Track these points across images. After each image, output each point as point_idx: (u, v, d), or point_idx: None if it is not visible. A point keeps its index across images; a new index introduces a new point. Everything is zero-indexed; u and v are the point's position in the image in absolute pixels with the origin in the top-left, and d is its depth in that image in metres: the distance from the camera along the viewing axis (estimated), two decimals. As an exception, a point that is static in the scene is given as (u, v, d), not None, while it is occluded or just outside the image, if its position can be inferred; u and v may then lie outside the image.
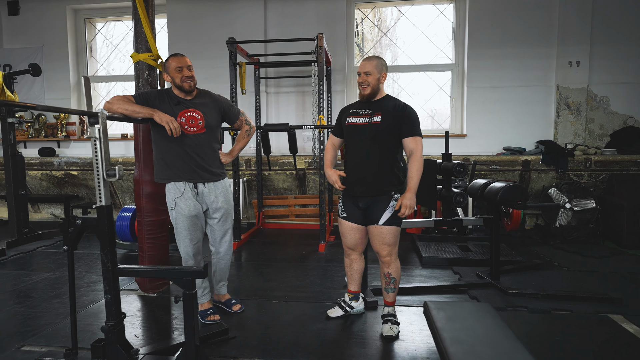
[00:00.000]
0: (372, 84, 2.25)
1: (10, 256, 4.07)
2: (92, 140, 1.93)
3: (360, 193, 2.31)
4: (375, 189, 2.27)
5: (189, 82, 2.37)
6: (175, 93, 2.43)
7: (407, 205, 2.18)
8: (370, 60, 2.28)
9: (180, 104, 2.41)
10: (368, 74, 2.25)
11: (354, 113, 2.35)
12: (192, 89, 2.40)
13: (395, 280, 2.41)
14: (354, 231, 2.41)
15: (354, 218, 2.38)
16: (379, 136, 2.25)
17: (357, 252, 2.51)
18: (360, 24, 5.96)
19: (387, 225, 2.28)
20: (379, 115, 2.25)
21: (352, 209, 2.38)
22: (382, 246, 2.32)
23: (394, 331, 2.31)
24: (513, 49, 5.31)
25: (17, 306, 2.86)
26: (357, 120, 2.31)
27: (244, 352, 2.19)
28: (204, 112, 2.42)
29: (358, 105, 2.38)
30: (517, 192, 2.83)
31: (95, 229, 1.96)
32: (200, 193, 2.47)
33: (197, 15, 5.81)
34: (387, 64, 2.32)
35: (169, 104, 2.39)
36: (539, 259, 3.75)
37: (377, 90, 2.29)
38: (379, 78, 2.27)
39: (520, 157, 5.04)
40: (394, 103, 2.29)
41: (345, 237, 2.46)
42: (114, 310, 1.99)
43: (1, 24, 6.24)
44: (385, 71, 2.29)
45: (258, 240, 4.80)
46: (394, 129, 2.24)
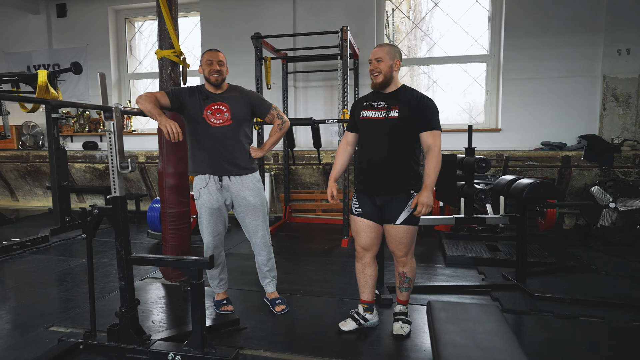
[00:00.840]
0: (384, 71, 2.10)
1: (53, 242, 4.36)
2: (107, 134, 2.02)
3: (377, 192, 2.18)
4: (394, 187, 2.14)
5: (216, 76, 2.39)
6: (206, 87, 2.48)
7: (423, 204, 2.04)
8: (382, 47, 2.13)
9: (209, 98, 2.45)
10: (379, 61, 2.10)
11: (369, 106, 2.19)
12: (218, 82, 2.42)
13: (410, 279, 2.28)
14: (369, 229, 2.24)
15: (369, 215, 2.22)
16: (397, 131, 2.10)
17: (371, 255, 2.32)
18: (391, 15, 5.82)
19: (405, 225, 2.14)
20: (396, 109, 2.10)
21: (368, 206, 2.22)
22: (398, 246, 2.19)
23: (405, 330, 2.22)
24: (554, 38, 4.98)
25: (51, 289, 3.06)
26: (372, 115, 2.16)
27: (251, 343, 2.21)
28: (230, 104, 2.44)
29: (372, 97, 2.21)
30: (545, 189, 2.65)
31: (110, 218, 2.05)
32: (225, 186, 2.47)
33: (228, 12, 5.92)
34: (401, 52, 2.19)
35: (198, 99, 2.44)
36: (574, 261, 3.51)
37: (390, 78, 2.13)
38: (391, 65, 2.11)
39: (560, 153, 4.74)
40: (411, 94, 2.13)
41: (360, 236, 2.28)
42: (127, 296, 2.08)
43: (51, 26, 6.66)
44: (399, 58, 2.14)
45: (284, 233, 4.84)
46: (412, 123, 2.09)
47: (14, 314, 2.62)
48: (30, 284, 3.16)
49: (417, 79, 5.91)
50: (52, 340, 2.23)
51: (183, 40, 6.51)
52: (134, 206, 5.81)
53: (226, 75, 2.47)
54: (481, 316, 1.54)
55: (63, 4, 6.59)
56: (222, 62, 2.43)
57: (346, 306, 2.67)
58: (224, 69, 2.44)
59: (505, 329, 1.43)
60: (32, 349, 2.16)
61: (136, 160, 5.93)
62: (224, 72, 2.44)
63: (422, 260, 3.66)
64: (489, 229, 4.36)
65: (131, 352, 2.06)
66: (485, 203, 2.82)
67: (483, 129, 5.40)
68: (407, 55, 5.82)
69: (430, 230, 4.70)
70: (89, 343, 2.11)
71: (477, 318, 1.53)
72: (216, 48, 2.52)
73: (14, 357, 2.10)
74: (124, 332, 2.07)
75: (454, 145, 5.15)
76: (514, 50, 5.13)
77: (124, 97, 6.71)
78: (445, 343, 1.33)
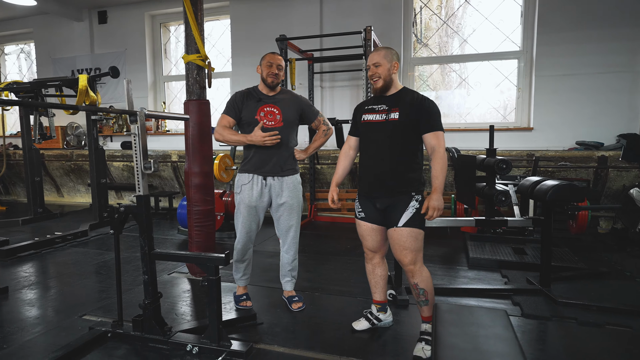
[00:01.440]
0: (382, 75, 2.09)
1: (92, 237, 4.64)
2: (132, 137, 2.15)
3: (377, 194, 2.16)
4: (394, 189, 2.11)
5: (272, 79, 2.51)
6: (260, 89, 2.59)
7: (434, 207, 1.99)
8: (379, 51, 2.12)
9: (261, 100, 2.55)
10: (377, 65, 2.09)
11: (370, 110, 2.19)
12: (273, 84, 2.53)
13: (425, 291, 2.12)
14: (374, 232, 2.23)
15: (372, 218, 2.21)
16: (397, 133, 2.09)
17: (379, 255, 2.32)
18: (419, 13, 5.74)
19: (407, 228, 2.07)
20: (396, 112, 2.09)
21: (370, 210, 2.21)
22: (402, 252, 2.10)
23: (426, 353, 2.02)
24: (591, 31, 4.75)
25: (87, 280, 3.28)
26: (373, 118, 2.16)
27: (266, 338, 2.29)
28: (282, 107, 2.53)
29: (373, 101, 2.21)
30: (570, 191, 2.56)
31: (135, 215, 2.19)
32: (268, 185, 2.56)
33: (257, 15, 6.05)
34: (398, 54, 2.17)
35: (252, 101, 2.56)
36: (606, 267, 3.35)
37: (390, 82, 2.12)
38: (389, 68, 2.10)
39: (596, 153, 4.52)
40: (411, 96, 2.11)
41: (365, 240, 2.28)
42: (150, 289, 2.20)
43: (93, 32, 7.06)
44: (397, 61, 2.12)
45: (308, 232, 4.90)
46: (413, 124, 2.07)
47: (53, 302, 2.84)
48: (69, 275, 3.39)
49: (447, 77, 5.80)
50: (84, 327, 2.40)
51: (215, 43, 6.73)
52: (168, 203, 6.08)
53: (281, 79, 2.58)
54: (486, 320, 1.52)
55: (104, 11, 6.97)
56: (280, 66, 2.53)
57: (362, 305, 2.69)
58: (281, 74, 2.54)
59: (509, 334, 1.41)
60: (66, 335, 2.34)
61: (169, 159, 6.20)
62: (280, 76, 2.54)
63: (444, 262, 3.61)
64: (517, 232, 4.24)
65: (153, 341, 2.19)
66: (505, 205, 2.74)
67: (514, 128, 5.23)
68: (439, 53, 5.72)
69: (456, 232, 4.62)
70: (116, 332, 2.26)
71: (482, 322, 1.51)
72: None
73: (49, 342, 2.28)
74: (147, 322, 2.20)
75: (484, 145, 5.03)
76: (547, 46, 4.94)
77: (159, 98, 7.01)
78: (444, 345, 1.33)
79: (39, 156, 5.51)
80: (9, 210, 6.40)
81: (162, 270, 3.45)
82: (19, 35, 7.75)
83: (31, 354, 2.15)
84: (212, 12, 6.52)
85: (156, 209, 6.03)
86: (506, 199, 2.63)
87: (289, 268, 2.73)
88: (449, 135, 5.40)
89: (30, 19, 7.33)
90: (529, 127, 5.12)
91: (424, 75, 5.88)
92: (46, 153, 6.79)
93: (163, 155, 6.24)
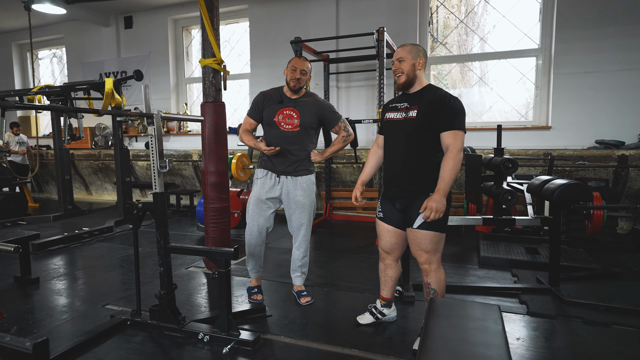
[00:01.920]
0: (406, 71, 2.06)
1: (117, 232, 4.88)
2: (149, 138, 2.29)
3: (395, 194, 2.16)
4: (412, 189, 2.09)
5: (294, 83, 2.58)
6: (284, 91, 2.67)
7: (432, 209, 1.94)
8: (404, 47, 2.10)
9: (283, 102, 2.64)
10: (401, 61, 2.07)
11: (393, 108, 2.18)
12: (295, 88, 2.60)
13: (436, 292, 2.13)
14: (390, 234, 2.24)
15: (390, 220, 2.22)
16: (415, 132, 2.05)
17: (393, 257, 2.32)
18: (435, 12, 5.73)
19: (423, 230, 2.05)
20: (415, 109, 2.05)
21: (390, 210, 2.21)
22: (418, 252, 2.11)
23: None
24: (613, 28, 4.64)
25: (111, 273, 3.48)
26: (394, 116, 2.15)
27: (274, 329, 2.40)
28: (301, 111, 2.61)
29: (398, 99, 2.20)
30: (577, 191, 2.55)
31: (152, 212, 2.33)
32: (281, 183, 2.67)
33: (275, 17, 6.18)
34: (425, 50, 2.16)
35: (274, 102, 2.66)
36: (621, 268, 3.30)
37: (414, 78, 2.09)
38: (414, 64, 2.06)
39: (616, 152, 4.43)
40: (433, 94, 2.05)
41: (381, 239, 2.30)
42: (165, 280, 2.35)
43: (119, 37, 7.37)
44: (422, 57, 2.08)
45: (322, 230, 5.00)
46: (432, 123, 2.02)
47: (80, 292, 3.04)
48: (95, 268, 3.61)
49: (466, 75, 5.78)
50: (106, 316, 2.57)
51: (235, 45, 6.90)
52: (189, 201, 6.30)
53: (305, 84, 2.65)
54: (478, 314, 1.57)
55: (130, 16, 7.27)
56: (305, 71, 2.59)
57: (370, 301, 2.75)
58: (304, 78, 2.60)
59: (497, 327, 1.46)
60: (90, 322, 2.52)
61: (190, 158, 6.41)
62: (302, 81, 2.60)
63: (455, 260, 3.64)
64: (532, 232, 4.21)
65: (168, 330, 2.33)
66: (511, 204, 2.75)
67: (532, 127, 5.17)
68: (457, 51, 5.71)
69: (471, 232, 4.62)
70: (135, 320, 2.42)
71: (473, 315, 1.56)
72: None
73: (73, 328, 2.46)
74: (162, 312, 2.35)
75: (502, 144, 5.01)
76: (566, 43, 4.86)
77: (181, 100, 7.25)
78: (431, 335, 1.40)
79: (69, 156, 5.81)
80: (41, 207, 6.78)
81: (181, 265, 3.62)
82: (51, 41, 8.17)
83: (58, 338, 2.33)
84: (232, 15, 6.70)
85: (177, 207, 6.26)
86: (512, 198, 2.64)
87: (299, 264, 2.82)
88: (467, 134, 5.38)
89: (62, 26, 7.72)
90: (547, 126, 5.04)
91: (442, 73, 5.87)
92: (76, 153, 7.14)
93: (184, 155, 6.46)
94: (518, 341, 2.24)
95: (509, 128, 5.19)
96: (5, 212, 5.51)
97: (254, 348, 2.15)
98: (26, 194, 6.66)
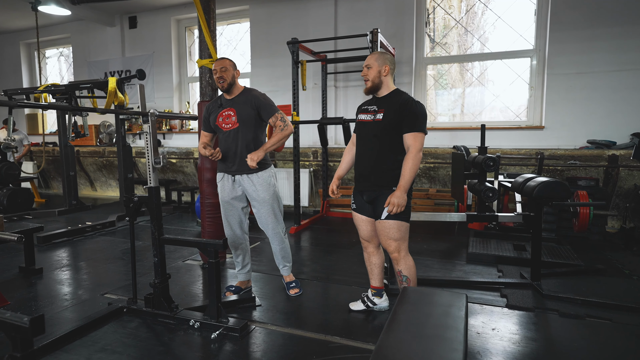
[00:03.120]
0: (371, 77, 2.26)
1: (119, 227, 5.04)
2: (145, 135, 2.42)
3: (363, 187, 2.36)
4: (377, 184, 2.29)
5: (220, 83, 2.64)
6: (224, 95, 2.75)
7: (394, 204, 2.14)
8: (372, 55, 2.30)
9: (222, 105, 2.74)
10: (368, 67, 2.27)
11: (364, 110, 2.39)
12: (224, 88, 2.65)
13: (408, 278, 2.31)
14: (364, 223, 2.44)
15: (363, 210, 2.42)
16: (381, 133, 2.25)
17: (373, 245, 2.51)
18: (432, 13, 5.82)
19: (390, 220, 2.24)
20: (381, 112, 2.26)
21: (361, 202, 2.42)
22: (387, 241, 2.29)
23: None
24: (605, 29, 4.70)
25: (111, 265, 3.62)
26: (365, 117, 2.35)
27: (262, 318, 2.52)
28: (237, 109, 2.68)
29: (368, 102, 2.40)
30: (556, 188, 2.65)
31: (147, 205, 2.46)
32: (237, 181, 2.74)
33: (275, 18, 6.30)
34: (393, 58, 2.32)
35: (215, 108, 2.76)
36: (604, 265, 3.39)
37: (379, 83, 2.28)
38: (380, 71, 2.26)
39: (607, 152, 4.49)
40: (399, 98, 2.25)
41: (359, 229, 2.49)
42: (160, 270, 2.48)
43: (124, 37, 7.53)
44: (389, 64, 2.27)
45: (319, 226, 5.12)
46: (396, 125, 2.21)
47: (81, 282, 3.18)
48: (96, 260, 3.76)
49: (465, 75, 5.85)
50: (104, 304, 2.72)
51: (236, 45, 7.03)
52: (190, 197, 6.44)
53: (232, 79, 2.64)
54: (444, 301, 1.68)
55: (134, 16, 7.42)
56: (225, 68, 2.60)
57: (357, 293, 2.87)
58: (229, 74, 2.61)
59: (460, 313, 1.57)
60: (88, 309, 2.66)
61: (191, 156, 6.55)
62: (228, 78, 2.61)
63: (444, 256, 3.74)
64: (522, 229, 4.29)
65: (162, 317, 2.46)
66: (492, 201, 2.85)
67: (525, 127, 5.24)
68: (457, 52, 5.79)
69: (464, 229, 4.71)
70: (131, 307, 2.55)
71: (440, 302, 1.67)
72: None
73: (73, 315, 2.60)
74: (157, 300, 2.48)
75: (496, 144, 5.10)
76: (560, 44, 4.92)
77: (183, 98, 7.40)
78: (396, 319, 1.51)
79: (74, 153, 5.98)
80: (47, 203, 6.97)
81: (178, 258, 3.76)
82: (58, 40, 8.36)
83: (59, 323, 2.47)
84: (233, 15, 6.83)
85: (179, 203, 6.41)
86: (493, 195, 2.74)
87: (280, 256, 2.89)
88: (462, 133, 5.48)
89: (68, 25, 7.90)
90: (541, 126, 5.12)
91: (441, 72, 5.95)
92: (81, 150, 7.32)
93: (186, 152, 6.61)
94: (493, 331, 2.34)
95: (503, 128, 5.27)
96: (12, 207, 5.69)
97: (240, 334, 2.28)
98: (33, 189, 6.84)
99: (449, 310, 1.59)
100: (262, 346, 2.20)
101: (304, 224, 5.01)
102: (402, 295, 1.75)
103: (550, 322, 2.44)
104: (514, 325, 2.41)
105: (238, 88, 2.72)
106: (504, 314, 2.57)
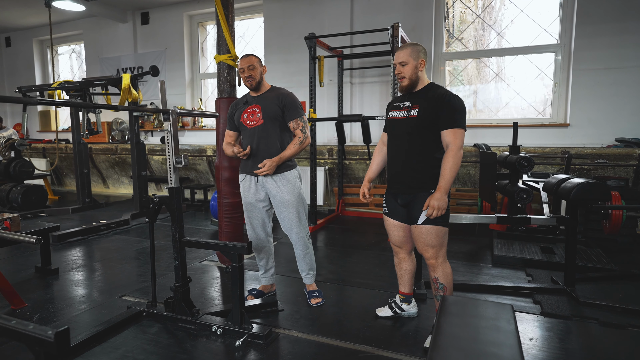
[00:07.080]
0: (408, 74, 2.09)
1: (133, 225, 4.98)
2: (165, 133, 2.33)
3: (397, 190, 2.21)
4: (413, 186, 2.13)
5: (248, 82, 2.57)
6: (250, 93, 2.66)
7: (434, 207, 1.99)
8: (404, 49, 2.11)
9: (247, 102, 2.64)
10: (403, 64, 2.09)
11: (396, 106, 2.22)
12: (252, 87, 2.58)
13: (445, 287, 2.16)
14: (396, 228, 2.29)
15: (395, 215, 2.26)
16: (416, 131, 2.09)
17: (405, 251, 2.36)
18: (452, 7, 5.65)
19: (428, 225, 2.09)
20: (416, 108, 2.09)
21: (394, 206, 2.26)
22: (424, 247, 2.14)
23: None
24: (634, 23, 4.53)
25: (127, 265, 3.55)
26: (397, 114, 2.19)
27: (286, 324, 2.42)
28: (263, 105, 2.58)
29: (400, 98, 2.23)
30: (595, 190, 2.50)
31: (168, 206, 2.37)
32: (260, 182, 2.61)
33: (290, 12, 6.18)
34: (425, 48, 2.15)
35: (241, 105, 2.66)
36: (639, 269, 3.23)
37: (417, 79, 2.12)
38: (416, 66, 2.09)
39: (637, 151, 4.32)
40: (434, 92, 2.08)
41: (390, 235, 2.35)
42: (180, 274, 2.39)
43: (136, 33, 7.46)
44: (423, 57, 2.10)
45: (334, 226, 5.01)
46: (432, 122, 2.05)
47: (97, 283, 3.12)
48: (112, 260, 3.69)
49: (482, 71, 5.69)
50: (122, 307, 2.64)
51: (249, 40, 6.93)
52: (203, 196, 6.37)
53: (260, 77, 2.57)
54: (490, 313, 1.56)
55: (146, 12, 7.35)
56: (252, 66, 2.53)
57: (382, 298, 2.77)
58: (257, 72, 2.54)
59: (510, 327, 1.45)
60: (107, 313, 2.58)
61: (204, 153, 6.48)
62: (256, 76, 2.55)
63: (468, 259, 3.61)
64: (547, 231, 4.14)
65: (183, 322, 2.38)
66: (526, 203, 2.71)
67: (549, 124, 5.07)
68: (474, 47, 5.63)
69: (484, 230, 4.58)
70: (150, 312, 2.47)
71: (486, 314, 1.56)
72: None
73: (91, 318, 2.52)
74: (177, 304, 2.40)
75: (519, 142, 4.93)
76: (587, 38, 4.74)
77: (196, 95, 7.32)
78: (443, 333, 1.40)
79: (87, 150, 5.93)
80: (60, 200, 6.95)
81: (195, 259, 3.68)
82: (70, 37, 8.32)
83: (77, 327, 2.39)
84: (247, 10, 6.72)
85: (192, 201, 6.34)
86: (528, 197, 2.61)
87: (303, 262, 2.74)
88: (481, 131, 5.32)
89: (80, 22, 7.85)
90: (565, 124, 4.95)
91: (458, 69, 5.79)
92: (93, 147, 7.28)
93: (199, 150, 6.53)
94: (531, 341, 2.22)
95: (525, 125, 5.10)
96: (27, 204, 5.66)
97: (266, 342, 2.18)
98: (46, 187, 6.82)
99: (497, 324, 1.48)
100: (288, 357, 2.10)
101: (320, 223, 4.91)
102: (443, 305, 1.64)
103: (592, 332, 2.30)
104: (553, 335, 2.28)
105: (265, 85, 2.64)
106: (539, 322, 2.44)
